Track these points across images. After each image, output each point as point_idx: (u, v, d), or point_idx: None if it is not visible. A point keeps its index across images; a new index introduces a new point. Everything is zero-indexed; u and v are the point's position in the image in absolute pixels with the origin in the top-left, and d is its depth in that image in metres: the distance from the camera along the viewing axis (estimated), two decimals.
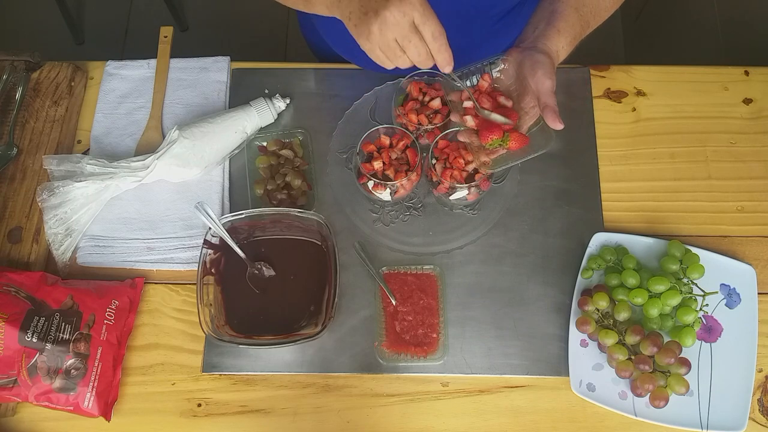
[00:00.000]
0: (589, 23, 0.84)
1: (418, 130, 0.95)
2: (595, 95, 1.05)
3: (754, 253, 0.95)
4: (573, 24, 0.82)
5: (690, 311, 0.87)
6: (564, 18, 0.82)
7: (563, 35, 0.81)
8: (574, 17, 0.82)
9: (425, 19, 0.66)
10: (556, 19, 0.82)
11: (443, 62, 0.70)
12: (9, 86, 1.04)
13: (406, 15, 0.65)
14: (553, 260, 0.95)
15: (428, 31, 0.67)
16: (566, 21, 0.82)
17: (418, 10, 0.66)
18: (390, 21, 0.66)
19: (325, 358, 0.90)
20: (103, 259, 0.95)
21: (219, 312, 0.90)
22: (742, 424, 0.85)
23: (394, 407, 0.88)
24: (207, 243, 0.90)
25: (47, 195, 0.94)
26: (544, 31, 0.82)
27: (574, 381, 0.87)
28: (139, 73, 1.06)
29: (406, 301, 0.92)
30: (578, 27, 0.83)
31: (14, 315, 0.83)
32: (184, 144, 0.95)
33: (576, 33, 0.83)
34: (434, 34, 0.67)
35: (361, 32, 0.69)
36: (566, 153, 1.01)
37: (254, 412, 0.88)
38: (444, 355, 0.89)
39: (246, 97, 1.02)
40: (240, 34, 2.02)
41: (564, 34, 0.81)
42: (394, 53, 0.69)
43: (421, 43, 0.68)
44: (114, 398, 0.87)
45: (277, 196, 0.97)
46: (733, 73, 1.06)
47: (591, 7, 0.84)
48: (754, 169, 1.00)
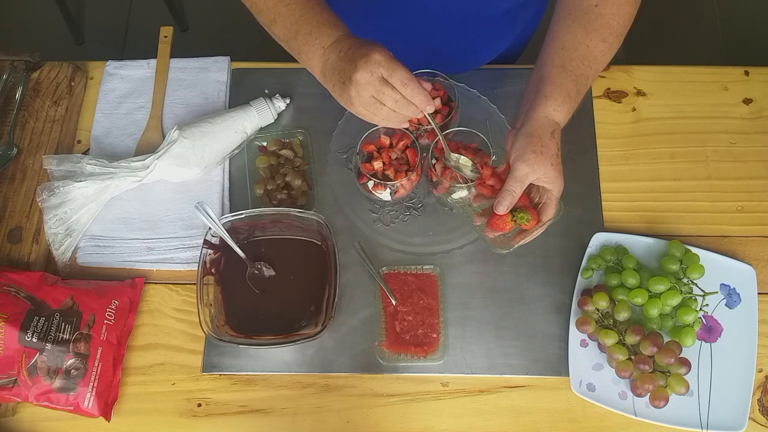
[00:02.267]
0: (586, 74, 0.81)
1: (418, 130, 0.95)
2: (595, 95, 1.05)
3: (754, 253, 0.95)
4: (562, 83, 0.79)
5: (690, 311, 0.87)
6: (550, 81, 0.79)
7: (551, 99, 0.79)
8: (563, 75, 0.80)
9: (391, 72, 0.72)
10: (543, 85, 0.80)
11: (421, 104, 0.75)
12: (9, 86, 1.04)
13: (374, 73, 0.72)
14: (553, 260, 0.95)
15: (397, 80, 0.73)
16: (553, 83, 0.79)
17: (383, 66, 0.72)
18: (362, 82, 0.73)
19: (325, 358, 0.90)
20: (103, 259, 0.95)
21: (219, 312, 0.90)
22: (742, 424, 0.85)
23: (394, 407, 0.88)
24: (207, 243, 0.90)
25: (47, 195, 0.94)
26: (533, 103, 0.80)
27: (574, 381, 0.87)
28: (139, 73, 1.06)
29: (406, 301, 0.92)
30: (570, 83, 0.79)
31: (14, 315, 0.83)
32: (184, 144, 0.95)
33: (568, 90, 0.79)
34: (402, 81, 0.73)
35: (345, 100, 0.77)
36: (566, 153, 0.99)
37: (254, 412, 0.88)
38: (444, 355, 0.89)
39: (246, 97, 1.02)
40: (240, 34, 2.01)
41: (553, 97, 0.79)
42: (375, 107, 0.75)
43: (394, 92, 0.74)
44: (114, 398, 0.87)
45: (277, 196, 0.97)
46: (733, 73, 1.06)
47: (581, 59, 0.81)
48: (754, 169, 1.00)
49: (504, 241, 0.83)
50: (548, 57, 0.82)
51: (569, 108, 0.80)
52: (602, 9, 0.82)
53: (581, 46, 0.81)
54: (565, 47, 0.81)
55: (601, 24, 0.82)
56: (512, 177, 0.78)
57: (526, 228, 0.81)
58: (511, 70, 1.07)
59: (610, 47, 0.83)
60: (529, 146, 0.77)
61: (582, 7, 0.83)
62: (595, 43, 0.82)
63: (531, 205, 0.82)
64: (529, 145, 0.77)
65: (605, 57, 0.83)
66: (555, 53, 0.82)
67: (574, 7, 0.83)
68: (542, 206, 0.81)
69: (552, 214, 0.80)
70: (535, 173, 0.77)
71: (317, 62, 0.79)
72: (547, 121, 0.79)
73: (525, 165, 0.77)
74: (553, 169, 0.78)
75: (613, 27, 0.82)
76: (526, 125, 0.79)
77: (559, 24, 0.83)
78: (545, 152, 0.77)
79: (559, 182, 0.79)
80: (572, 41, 0.82)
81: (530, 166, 0.77)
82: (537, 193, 0.82)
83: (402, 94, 0.74)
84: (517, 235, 0.82)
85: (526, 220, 0.80)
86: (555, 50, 0.82)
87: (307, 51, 0.79)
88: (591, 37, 0.81)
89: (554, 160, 0.78)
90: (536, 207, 0.82)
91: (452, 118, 0.95)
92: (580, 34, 0.82)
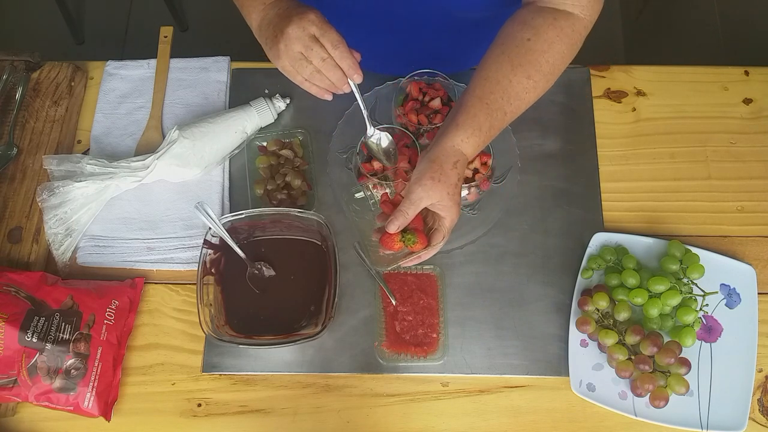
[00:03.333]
0: (504, 109, 0.79)
1: (418, 130, 0.95)
2: (595, 95, 1.05)
3: (754, 253, 0.95)
4: (476, 115, 0.77)
5: (690, 311, 0.87)
6: (465, 110, 0.78)
7: (462, 128, 0.77)
8: (478, 107, 0.78)
9: (323, 32, 0.76)
10: (458, 113, 0.78)
11: (348, 69, 0.79)
12: (9, 86, 1.04)
13: (306, 29, 0.76)
14: (553, 260, 0.95)
15: (327, 41, 0.77)
16: (467, 113, 0.77)
17: (316, 25, 0.76)
18: (292, 36, 0.77)
19: (325, 358, 0.90)
20: (103, 259, 0.95)
21: (219, 312, 0.90)
22: (742, 424, 0.85)
23: (394, 407, 0.88)
24: (207, 243, 0.90)
25: (47, 195, 0.94)
26: (446, 128, 0.79)
27: (574, 381, 0.87)
28: (139, 73, 1.06)
29: (406, 301, 0.92)
30: (483, 116, 0.78)
31: (14, 315, 0.83)
32: (184, 144, 0.95)
33: (480, 123, 0.78)
34: (333, 42, 0.77)
35: (274, 53, 0.80)
36: (566, 153, 1.01)
37: (254, 412, 0.88)
38: (444, 355, 0.89)
39: (246, 97, 1.02)
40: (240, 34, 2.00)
41: (464, 127, 0.77)
42: (300, 64, 0.79)
43: (323, 50, 0.77)
44: (114, 398, 0.87)
45: (277, 196, 0.97)
46: (733, 73, 1.06)
47: (501, 93, 0.78)
48: (754, 169, 1.00)
49: (392, 260, 0.83)
50: (471, 85, 0.80)
51: (478, 141, 0.78)
52: (533, 44, 0.79)
53: (504, 80, 0.79)
54: (488, 78, 0.79)
55: (529, 60, 0.79)
56: (407, 199, 0.77)
57: (413, 250, 0.80)
58: None
59: (535, 85, 0.80)
60: (428, 171, 0.76)
61: (515, 39, 0.80)
62: (518, 78, 0.79)
63: (424, 229, 0.81)
64: (428, 170, 0.76)
65: (528, 95, 0.81)
66: (477, 83, 0.80)
67: (508, 38, 0.81)
68: (432, 232, 0.80)
69: (438, 241, 0.80)
70: (429, 199, 0.76)
71: (256, 16, 0.83)
72: (453, 150, 0.77)
73: (421, 189, 0.76)
74: (449, 198, 0.76)
75: (540, 64, 0.79)
76: (432, 150, 0.78)
77: (491, 53, 0.81)
78: (443, 180, 0.76)
79: (453, 211, 0.78)
80: (496, 73, 0.79)
81: (426, 191, 0.76)
82: (432, 219, 0.81)
83: (330, 55, 0.77)
84: (405, 256, 0.82)
85: (412, 242, 0.79)
86: (479, 80, 0.80)
87: (249, 5, 0.83)
88: (516, 72, 0.79)
89: (452, 189, 0.77)
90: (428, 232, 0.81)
91: None
92: (506, 67, 0.79)
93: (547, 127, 1.02)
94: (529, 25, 0.80)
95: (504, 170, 0.97)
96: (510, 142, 0.97)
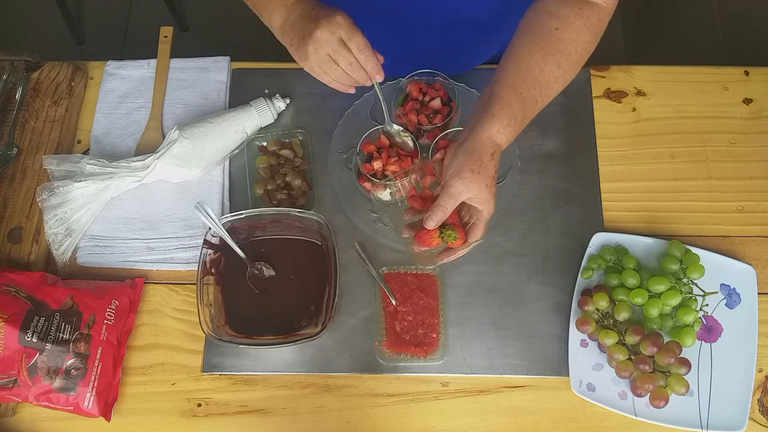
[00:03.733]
0: (536, 99, 0.80)
1: (418, 130, 0.95)
2: (595, 95, 1.05)
3: (754, 253, 0.95)
4: (510, 104, 0.78)
5: (690, 311, 0.87)
6: (500, 100, 0.78)
7: (498, 119, 0.77)
8: (512, 96, 0.78)
9: (350, 35, 0.77)
10: (492, 103, 0.78)
11: (372, 71, 0.80)
12: (9, 86, 1.04)
13: (334, 33, 0.77)
14: (553, 260, 0.95)
15: (354, 44, 0.77)
16: (501, 103, 0.78)
17: (344, 28, 0.77)
18: (321, 39, 0.77)
19: (325, 358, 0.90)
20: (103, 259, 0.95)
21: (219, 312, 0.90)
22: (742, 424, 0.85)
23: (394, 407, 0.88)
24: (207, 243, 0.90)
25: (47, 195, 0.94)
26: (480, 119, 0.78)
27: (574, 381, 0.87)
28: (139, 73, 1.06)
29: (406, 301, 0.92)
30: (518, 106, 0.78)
31: (14, 315, 0.83)
32: (184, 144, 0.95)
33: (515, 113, 0.78)
34: (359, 46, 0.78)
35: (301, 55, 0.80)
36: (566, 153, 1.01)
37: (254, 412, 0.88)
38: (444, 355, 0.89)
39: (246, 97, 1.02)
40: (240, 34, 2.01)
41: (499, 117, 0.77)
42: (329, 66, 0.80)
43: (350, 54, 0.78)
44: (114, 398, 0.87)
45: (277, 196, 0.97)
46: (733, 73, 1.06)
47: (534, 82, 0.79)
48: (754, 169, 1.00)
49: (428, 257, 0.82)
50: (502, 74, 0.80)
51: (513, 131, 0.79)
52: (562, 33, 0.80)
53: (536, 69, 0.79)
54: (519, 67, 0.80)
55: (559, 49, 0.80)
56: (446, 193, 0.76)
57: (452, 246, 0.80)
58: None
59: (564, 75, 0.81)
60: (467, 164, 0.76)
61: (543, 28, 0.81)
62: (549, 68, 0.80)
63: (460, 224, 0.81)
64: (467, 162, 0.76)
65: (558, 84, 0.81)
66: (509, 72, 0.80)
67: (535, 27, 0.82)
68: (471, 227, 0.80)
69: (479, 236, 0.79)
70: (468, 192, 0.76)
71: (278, 18, 0.82)
72: (490, 142, 0.77)
73: (460, 182, 0.75)
74: (488, 190, 0.76)
75: (570, 53, 0.80)
76: (468, 142, 0.77)
77: (519, 42, 0.82)
78: (483, 172, 0.76)
79: (490, 204, 0.78)
80: (527, 63, 0.80)
81: (465, 185, 0.75)
82: (467, 213, 0.81)
83: (356, 59, 0.78)
84: (442, 253, 0.81)
85: (453, 238, 0.78)
86: (510, 69, 0.80)
87: (269, 8, 0.83)
88: (547, 61, 0.80)
89: (490, 181, 0.77)
90: (465, 226, 0.81)
91: (452, 118, 0.95)
92: (537, 56, 0.80)
93: (547, 127, 1.02)
94: (555, 15, 0.81)
95: (504, 170, 0.97)
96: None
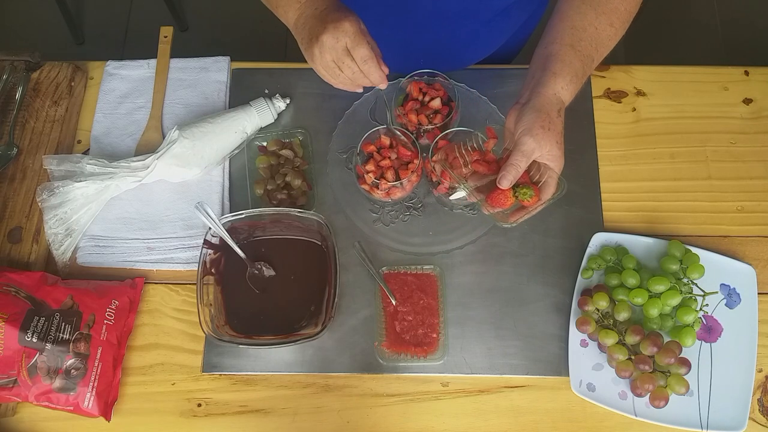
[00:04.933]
0: (592, 57, 0.81)
1: (418, 130, 0.95)
2: (595, 95, 1.05)
3: (754, 253, 0.95)
4: (570, 62, 0.79)
5: (690, 311, 0.87)
6: (560, 59, 0.79)
7: (560, 77, 0.78)
8: (571, 55, 0.80)
9: (355, 45, 0.76)
10: (552, 62, 0.79)
11: (375, 81, 0.80)
12: (9, 86, 1.04)
13: (339, 41, 0.76)
14: (553, 260, 0.95)
15: (358, 55, 0.76)
16: (562, 61, 0.79)
17: (350, 37, 0.76)
18: (327, 45, 0.76)
19: (325, 358, 0.90)
20: (103, 259, 0.95)
21: (219, 312, 0.90)
22: (742, 424, 0.85)
23: (394, 407, 0.88)
24: (207, 243, 0.90)
25: (47, 195, 0.94)
26: (540, 79, 0.80)
27: (574, 381, 0.87)
28: (139, 73, 1.06)
29: (406, 301, 0.92)
30: (578, 63, 0.79)
31: (14, 315, 0.83)
32: (184, 144, 0.95)
33: (576, 70, 0.79)
34: (363, 57, 0.76)
35: (309, 55, 0.80)
36: (566, 153, 0.99)
37: (254, 412, 0.88)
38: (444, 355, 0.89)
39: (246, 97, 1.02)
40: (240, 34, 2.02)
41: (561, 75, 0.78)
42: (333, 72, 0.79)
43: (354, 64, 0.77)
44: (114, 398, 0.87)
45: (277, 196, 0.97)
46: (733, 73, 1.06)
47: (590, 41, 0.81)
48: (754, 169, 1.00)
49: (503, 216, 0.83)
50: (557, 35, 0.82)
51: (575, 88, 0.80)
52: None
53: (590, 28, 0.81)
54: (575, 27, 0.81)
55: (610, 8, 0.81)
56: (518, 151, 0.76)
57: (528, 204, 0.80)
58: (511, 70, 1.07)
59: (616, 32, 0.83)
60: (537, 121, 0.76)
61: None
62: (603, 26, 0.81)
63: (531, 182, 0.81)
64: (537, 120, 0.76)
65: (611, 42, 0.83)
66: (564, 32, 0.81)
67: None
68: (543, 184, 0.81)
69: (551, 193, 0.80)
70: (541, 149, 0.76)
71: (292, 15, 0.82)
72: (555, 98, 0.78)
73: (533, 140, 0.76)
74: (558, 147, 0.77)
75: (620, 12, 0.82)
76: (534, 100, 0.78)
77: (569, 4, 0.83)
78: (552, 129, 0.76)
79: (561, 161, 0.79)
80: (582, 22, 0.81)
81: (537, 142, 0.76)
82: (537, 171, 0.81)
83: (360, 68, 0.77)
84: (516, 212, 0.82)
85: (528, 196, 0.79)
86: (564, 29, 0.81)
87: (284, 4, 0.83)
88: (600, 20, 0.81)
89: (559, 138, 0.78)
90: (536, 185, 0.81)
91: (452, 118, 0.95)
92: (590, 15, 0.81)
93: None
94: None
95: None
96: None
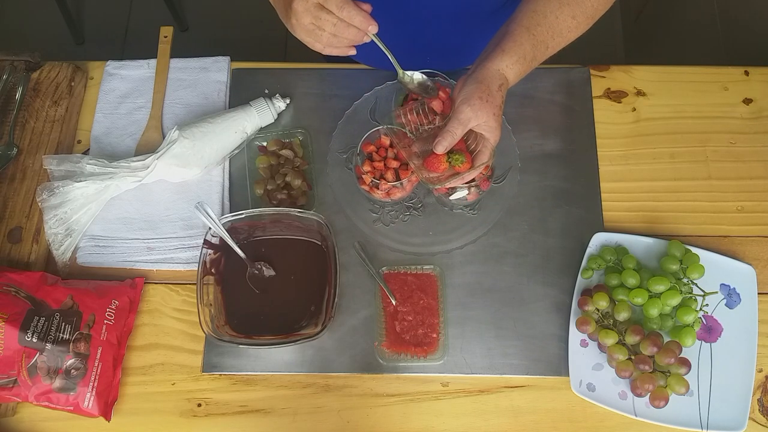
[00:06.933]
0: (547, 44, 0.83)
1: (418, 130, 0.95)
2: (595, 95, 1.05)
3: (754, 253, 0.95)
4: (522, 43, 0.81)
5: (690, 311, 0.87)
6: (512, 38, 0.81)
7: (508, 54, 0.80)
8: (525, 37, 0.81)
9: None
10: (504, 40, 0.81)
11: (361, 23, 0.76)
12: (9, 86, 1.04)
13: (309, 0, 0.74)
14: (553, 260, 0.95)
15: (332, 5, 0.74)
16: (514, 41, 0.81)
17: None
18: (299, 10, 0.75)
19: (325, 358, 0.90)
20: (103, 259, 0.95)
21: (219, 312, 0.90)
22: (742, 424, 0.85)
23: (394, 407, 0.88)
24: (207, 243, 0.90)
25: (47, 195, 0.94)
26: (490, 54, 0.82)
27: (574, 381, 0.87)
28: (139, 73, 1.06)
29: (406, 301, 0.92)
30: (528, 46, 0.81)
31: (14, 315, 0.83)
32: (184, 144, 0.95)
33: (525, 52, 0.81)
34: (338, 4, 0.74)
35: (290, 27, 0.79)
36: (566, 153, 1.01)
37: (254, 412, 0.88)
38: (444, 355, 0.89)
39: (246, 97, 1.02)
40: (240, 34, 2.02)
41: (510, 53, 0.80)
42: (316, 35, 0.77)
43: (331, 16, 0.75)
44: (114, 398, 0.87)
45: (277, 196, 0.97)
46: (733, 73, 1.06)
47: (548, 27, 0.82)
48: (754, 169, 1.00)
49: (437, 180, 0.86)
50: (518, 15, 0.83)
51: (521, 69, 0.82)
52: None
53: (551, 15, 0.82)
54: (536, 11, 0.82)
55: (576, 1, 0.83)
56: (455, 119, 0.79)
57: (459, 170, 0.83)
58: None
59: (578, 25, 0.84)
60: (476, 92, 0.79)
61: None
62: (564, 17, 0.83)
63: (467, 150, 0.84)
64: (476, 91, 0.79)
65: (570, 34, 0.84)
66: (525, 14, 0.83)
67: None
68: (477, 153, 0.83)
69: (485, 159, 0.83)
70: (477, 119, 0.79)
71: None
72: (498, 74, 0.80)
73: (470, 109, 0.78)
74: (494, 119, 0.80)
75: (586, 7, 0.83)
76: (478, 72, 0.80)
77: None
78: (490, 101, 0.79)
79: (497, 132, 0.81)
80: (543, 8, 0.82)
81: (474, 111, 0.78)
82: (474, 141, 0.84)
83: (339, 17, 0.75)
84: (449, 176, 0.85)
85: (460, 162, 0.82)
86: (526, 12, 0.83)
87: None
88: (563, 10, 0.82)
89: (497, 110, 0.80)
90: (471, 154, 0.84)
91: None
92: (554, 3, 0.82)
93: (547, 127, 1.02)
94: None
95: (504, 170, 0.97)
96: (510, 142, 0.97)
